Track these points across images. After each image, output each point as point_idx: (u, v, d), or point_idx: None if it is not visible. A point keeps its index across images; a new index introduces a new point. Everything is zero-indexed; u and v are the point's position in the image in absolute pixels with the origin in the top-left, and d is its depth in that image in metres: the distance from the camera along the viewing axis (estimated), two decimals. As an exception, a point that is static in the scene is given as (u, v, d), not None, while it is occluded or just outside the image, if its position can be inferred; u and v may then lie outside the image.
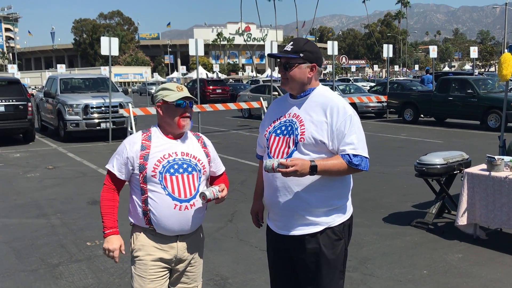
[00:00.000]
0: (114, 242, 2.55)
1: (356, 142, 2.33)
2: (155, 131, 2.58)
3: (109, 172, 2.60)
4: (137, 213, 2.56)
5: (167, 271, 2.58)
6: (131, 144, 2.53)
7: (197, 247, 2.67)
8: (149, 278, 2.51)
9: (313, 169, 2.25)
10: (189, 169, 2.52)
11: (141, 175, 2.48)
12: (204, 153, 2.64)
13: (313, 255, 2.41)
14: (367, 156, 2.38)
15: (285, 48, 2.42)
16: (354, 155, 2.32)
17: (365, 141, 2.40)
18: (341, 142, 2.33)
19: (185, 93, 2.53)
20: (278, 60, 2.48)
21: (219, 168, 2.77)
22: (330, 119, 2.34)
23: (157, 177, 2.46)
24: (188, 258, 2.61)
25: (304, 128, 2.36)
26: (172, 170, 2.48)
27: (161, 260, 2.53)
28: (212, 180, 2.76)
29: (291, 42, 2.43)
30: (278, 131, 2.47)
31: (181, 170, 2.50)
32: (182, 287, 2.66)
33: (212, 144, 2.76)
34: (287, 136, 2.42)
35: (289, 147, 2.40)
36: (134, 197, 2.57)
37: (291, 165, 2.20)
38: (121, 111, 13.59)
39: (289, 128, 2.42)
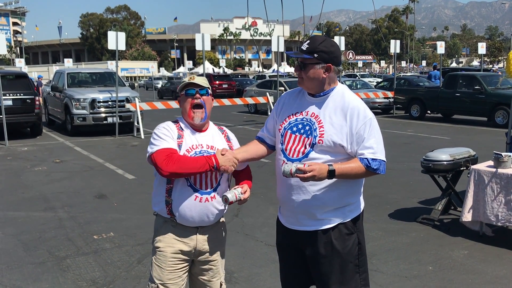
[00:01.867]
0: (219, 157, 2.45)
1: (375, 146, 2.33)
2: (182, 123, 2.62)
3: (165, 152, 2.42)
4: (160, 203, 2.57)
5: (187, 264, 2.61)
6: (172, 129, 2.54)
7: (218, 240, 2.69)
8: (168, 270, 2.55)
9: (331, 174, 2.26)
10: None
11: None
12: (228, 147, 2.65)
13: (325, 249, 2.42)
14: (385, 159, 2.38)
15: (302, 47, 2.38)
16: (373, 159, 2.32)
17: (383, 144, 2.39)
18: (360, 145, 2.33)
19: (194, 80, 2.55)
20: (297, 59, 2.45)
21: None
22: (350, 122, 2.33)
23: None
24: (208, 251, 2.63)
25: (323, 130, 2.35)
26: None
27: (181, 252, 2.56)
28: (234, 173, 2.72)
29: (308, 41, 2.38)
30: (294, 129, 2.44)
31: None
32: (204, 279, 2.70)
33: (236, 138, 2.77)
34: (304, 135, 2.39)
35: (305, 147, 2.38)
36: (159, 186, 2.57)
37: (309, 170, 2.21)
38: (128, 105, 13.64)
39: (307, 128, 2.40)
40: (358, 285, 2.48)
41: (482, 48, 20.89)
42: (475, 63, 70.79)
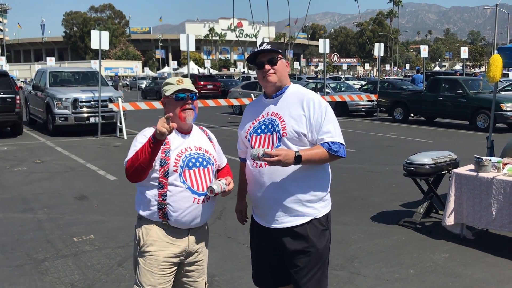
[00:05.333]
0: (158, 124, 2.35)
1: (332, 130, 2.50)
2: None
3: (130, 159, 2.49)
4: (150, 207, 2.54)
5: (176, 267, 2.62)
6: None
7: (205, 239, 2.73)
8: (159, 274, 2.53)
9: (297, 159, 2.39)
10: (204, 162, 2.59)
11: (162, 170, 2.49)
12: (211, 147, 2.71)
13: (303, 246, 2.52)
14: (344, 143, 2.55)
15: (264, 48, 2.54)
16: (332, 142, 2.48)
17: (340, 129, 2.56)
18: (320, 131, 2.49)
19: (184, 85, 2.55)
20: (256, 62, 2.57)
21: (223, 160, 2.85)
22: (308, 112, 2.50)
23: (179, 171, 2.50)
24: (197, 251, 2.66)
25: (284, 124, 2.50)
26: (190, 164, 2.52)
27: (172, 255, 2.56)
28: (216, 172, 2.78)
29: (266, 43, 2.58)
30: (259, 131, 2.58)
31: (197, 164, 2.56)
32: (189, 280, 2.69)
33: (215, 137, 2.82)
34: (268, 133, 2.54)
35: (272, 144, 2.51)
36: (148, 191, 2.54)
37: (275, 154, 2.32)
38: (111, 105, 13.50)
39: (270, 126, 2.54)
40: (326, 282, 2.65)
41: (464, 52, 21.17)
42: (458, 67, 71.72)
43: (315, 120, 2.48)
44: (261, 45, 2.57)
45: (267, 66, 2.54)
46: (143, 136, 2.52)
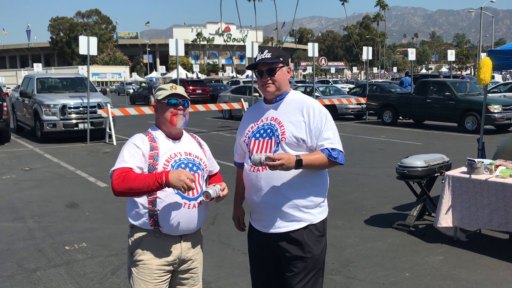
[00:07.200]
0: (177, 171, 2.32)
1: (332, 137, 2.53)
2: (156, 133, 2.59)
3: (119, 171, 2.38)
4: (141, 215, 2.50)
5: (170, 275, 2.59)
6: (141, 144, 2.49)
7: (198, 246, 2.70)
8: (153, 283, 2.50)
9: (298, 163, 2.39)
10: (194, 168, 2.57)
11: None
12: (202, 153, 2.69)
13: (300, 251, 2.52)
14: (342, 150, 2.57)
15: (263, 57, 2.54)
16: (332, 149, 2.51)
17: (339, 137, 2.59)
18: (319, 138, 2.51)
19: (176, 91, 2.56)
20: (256, 70, 2.59)
21: (215, 167, 2.85)
22: (308, 118, 2.51)
23: None
24: (190, 258, 2.63)
25: (284, 129, 2.51)
26: None
27: (166, 263, 2.52)
28: (207, 178, 2.79)
29: (266, 51, 2.57)
30: (257, 135, 2.59)
31: (187, 169, 2.52)
32: None
33: (206, 144, 2.81)
34: (267, 138, 2.54)
35: (271, 148, 2.51)
36: (137, 199, 2.50)
37: (277, 158, 2.32)
38: (100, 111, 13.39)
39: (269, 131, 2.55)
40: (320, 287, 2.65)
41: (451, 55, 21.36)
42: (444, 69, 72.44)
43: (314, 126, 2.50)
44: (262, 52, 2.57)
45: (266, 77, 2.55)
46: (135, 145, 2.48)
